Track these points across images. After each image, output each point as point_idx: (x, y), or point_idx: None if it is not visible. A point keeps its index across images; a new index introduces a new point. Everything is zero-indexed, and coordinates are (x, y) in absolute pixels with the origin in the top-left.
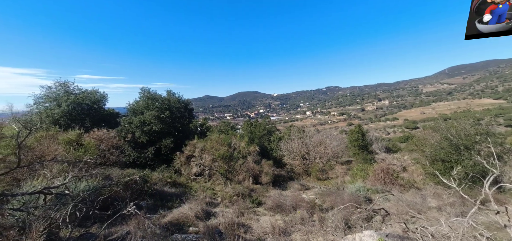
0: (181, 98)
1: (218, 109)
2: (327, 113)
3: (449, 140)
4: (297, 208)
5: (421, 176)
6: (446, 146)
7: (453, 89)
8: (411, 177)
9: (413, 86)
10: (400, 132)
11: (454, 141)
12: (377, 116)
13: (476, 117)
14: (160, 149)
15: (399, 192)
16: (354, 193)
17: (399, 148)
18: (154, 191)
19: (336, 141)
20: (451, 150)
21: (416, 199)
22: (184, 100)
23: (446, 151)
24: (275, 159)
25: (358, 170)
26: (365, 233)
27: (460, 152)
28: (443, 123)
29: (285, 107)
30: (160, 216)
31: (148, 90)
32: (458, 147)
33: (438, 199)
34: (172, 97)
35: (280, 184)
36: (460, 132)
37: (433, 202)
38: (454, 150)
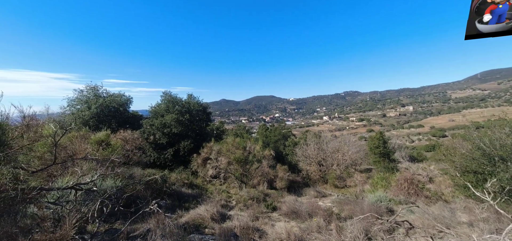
0: (200, 102)
1: (234, 113)
2: (345, 118)
3: (482, 150)
4: (313, 216)
5: (449, 188)
6: (478, 156)
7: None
8: (439, 188)
9: (440, 91)
10: (425, 140)
11: (487, 151)
12: (400, 123)
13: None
14: (179, 151)
15: (424, 204)
16: (374, 203)
17: (425, 157)
18: (172, 191)
19: (354, 147)
20: (484, 160)
21: (444, 212)
22: (202, 104)
23: (478, 161)
24: (290, 164)
25: (379, 179)
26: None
27: (495, 163)
28: (475, 132)
29: (301, 112)
30: (177, 215)
31: (169, 94)
32: (493, 158)
33: (470, 214)
34: (192, 101)
35: (295, 190)
36: (494, 141)
37: (463, 216)
38: (488, 161)
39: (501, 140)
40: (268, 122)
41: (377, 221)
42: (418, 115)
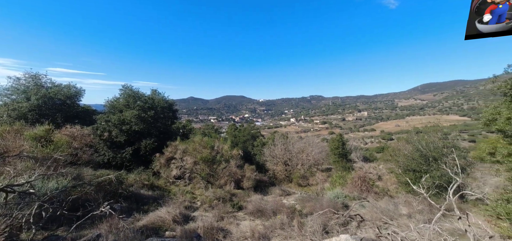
0: (166, 98)
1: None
2: (310, 121)
3: (420, 151)
4: (278, 213)
5: (394, 184)
6: (417, 157)
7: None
8: (385, 185)
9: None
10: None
11: (424, 152)
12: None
13: (444, 131)
14: (139, 150)
15: (374, 199)
16: (332, 199)
17: (375, 158)
18: (129, 194)
19: (317, 148)
20: (421, 160)
21: (389, 206)
22: (168, 101)
23: (417, 161)
24: (258, 164)
25: (337, 177)
26: (342, 237)
27: (429, 162)
28: (415, 136)
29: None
30: (134, 219)
31: (130, 88)
32: (428, 158)
33: (409, 207)
34: (157, 97)
35: (261, 189)
36: (429, 144)
37: (404, 209)
38: (424, 161)
39: (434, 143)
40: (238, 122)
41: (334, 216)
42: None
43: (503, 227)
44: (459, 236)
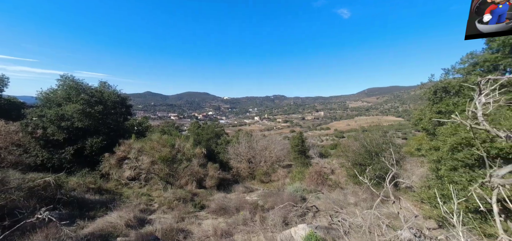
0: (117, 92)
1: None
2: (273, 120)
3: (365, 147)
4: (241, 210)
5: (344, 177)
6: (363, 152)
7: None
8: (337, 178)
9: (342, 101)
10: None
11: (368, 148)
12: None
13: (383, 130)
14: (83, 149)
15: (327, 191)
16: (292, 193)
17: (330, 154)
18: (70, 199)
19: (280, 146)
20: (366, 155)
21: (340, 196)
22: (121, 95)
23: (363, 156)
24: (221, 162)
25: (297, 173)
26: (299, 227)
27: (372, 156)
28: (362, 134)
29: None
30: (78, 227)
31: (71, 78)
32: (371, 153)
33: (355, 196)
34: (106, 90)
35: (225, 187)
36: (372, 141)
37: (352, 198)
38: (368, 155)
39: (376, 140)
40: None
41: (293, 208)
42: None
43: (425, 209)
44: (393, 218)
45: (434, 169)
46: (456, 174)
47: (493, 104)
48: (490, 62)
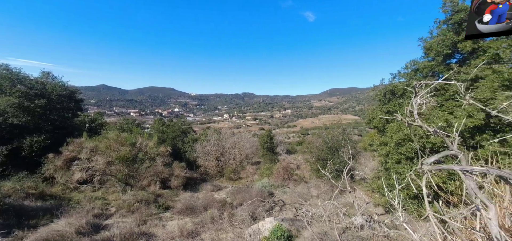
0: (64, 84)
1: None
2: (243, 117)
3: (327, 143)
4: (209, 208)
5: (309, 172)
6: (325, 148)
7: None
8: (302, 173)
9: (308, 100)
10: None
11: (329, 144)
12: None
13: (342, 128)
14: (21, 150)
15: (293, 186)
16: (260, 189)
17: (296, 150)
18: (5, 207)
19: (249, 143)
20: (327, 150)
21: (304, 190)
22: (68, 87)
23: (325, 151)
24: (189, 161)
25: (265, 169)
26: (266, 220)
27: (332, 152)
28: (324, 131)
29: (203, 108)
30: (15, 238)
31: (4, 67)
32: (332, 148)
33: (318, 189)
34: (50, 81)
35: (192, 187)
36: (333, 137)
37: (315, 191)
38: (329, 151)
39: (336, 136)
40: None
41: (261, 204)
42: (293, 118)
43: (375, 197)
44: (349, 207)
45: (383, 162)
46: (400, 166)
47: (426, 105)
48: (427, 68)
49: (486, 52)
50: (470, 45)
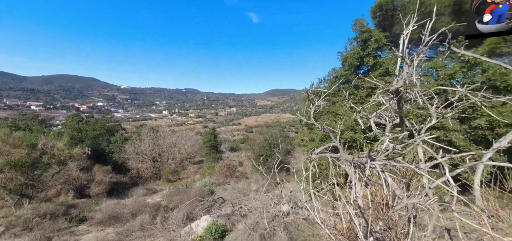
0: None
1: (14, 93)
2: (185, 114)
3: (267, 141)
4: (138, 215)
5: (250, 168)
6: (265, 145)
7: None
8: (245, 169)
9: (252, 99)
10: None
11: (269, 141)
12: (227, 121)
13: (281, 126)
14: None
15: (235, 182)
16: (200, 188)
17: (240, 148)
18: None
19: (191, 142)
20: (267, 147)
21: (245, 185)
22: None
23: (265, 148)
24: (116, 163)
25: (207, 168)
26: (202, 219)
27: (271, 148)
28: (265, 129)
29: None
30: None
31: None
32: (271, 145)
33: (257, 183)
34: None
35: (120, 193)
36: (273, 135)
37: (254, 186)
38: (269, 147)
39: (275, 134)
40: (86, 111)
41: (200, 203)
42: (238, 116)
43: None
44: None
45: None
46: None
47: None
48: (344, 76)
49: (381, 67)
50: (372, 60)
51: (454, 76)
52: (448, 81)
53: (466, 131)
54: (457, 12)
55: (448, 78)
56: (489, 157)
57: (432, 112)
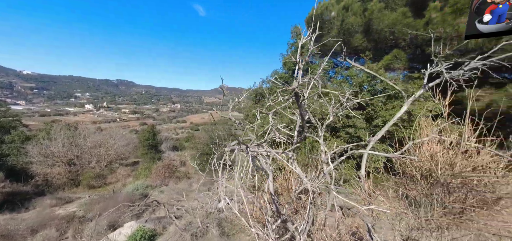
0: None
1: None
2: (117, 110)
3: (212, 138)
4: (41, 230)
5: (194, 168)
6: (210, 143)
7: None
8: (188, 169)
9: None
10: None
11: (214, 139)
12: (169, 118)
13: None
14: None
15: (174, 183)
16: (131, 193)
17: (184, 147)
18: None
19: (124, 141)
20: (211, 145)
21: (185, 186)
22: None
23: (209, 146)
24: (13, 169)
25: (142, 169)
26: (125, 226)
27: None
28: (210, 127)
29: (47, 94)
30: None
31: None
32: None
33: (198, 182)
34: None
35: (16, 205)
36: (218, 132)
37: (196, 185)
38: (213, 146)
39: (220, 132)
40: None
41: (129, 209)
42: (183, 113)
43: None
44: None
45: None
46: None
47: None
48: (284, 78)
49: (313, 72)
50: (306, 66)
51: (362, 84)
52: (359, 88)
53: (369, 128)
54: (367, 31)
55: (358, 85)
56: (369, 148)
57: (330, 110)
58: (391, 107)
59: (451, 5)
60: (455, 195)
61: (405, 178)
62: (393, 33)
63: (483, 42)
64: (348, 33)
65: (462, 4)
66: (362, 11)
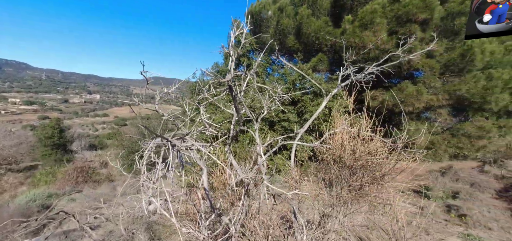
0: None
1: None
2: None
3: (143, 134)
4: None
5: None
6: (140, 140)
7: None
8: (110, 171)
9: (125, 85)
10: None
11: (145, 134)
12: (85, 111)
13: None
14: None
15: (91, 188)
16: (25, 205)
17: (106, 145)
18: None
19: (10, 140)
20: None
21: (107, 190)
22: None
23: (138, 143)
24: None
25: (43, 175)
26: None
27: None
28: (141, 120)
29: None
30: None
31: None
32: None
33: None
34: None
35: None
36: (150, 127)
37: (120, 188)
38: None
39: (154, 126)
40: None
41: (21, 226)
42: (104, 105)
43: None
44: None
45: None
46: None
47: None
48: (225, 71)
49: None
50: (247, 61)
51: (295, 82)
52: (292, 85)
53: (300, 122)
54: (298, 34)
55: (291, 83)
56: (298, 139)
57: (264, 104)
58: (317, 104)
59: (359, 20)
60: (356, 175)
61: (323, 163)
62: (318, 38)
63: (379, 53)
64: (283, 33)
65: (366, 20)
66: (294, 14)
